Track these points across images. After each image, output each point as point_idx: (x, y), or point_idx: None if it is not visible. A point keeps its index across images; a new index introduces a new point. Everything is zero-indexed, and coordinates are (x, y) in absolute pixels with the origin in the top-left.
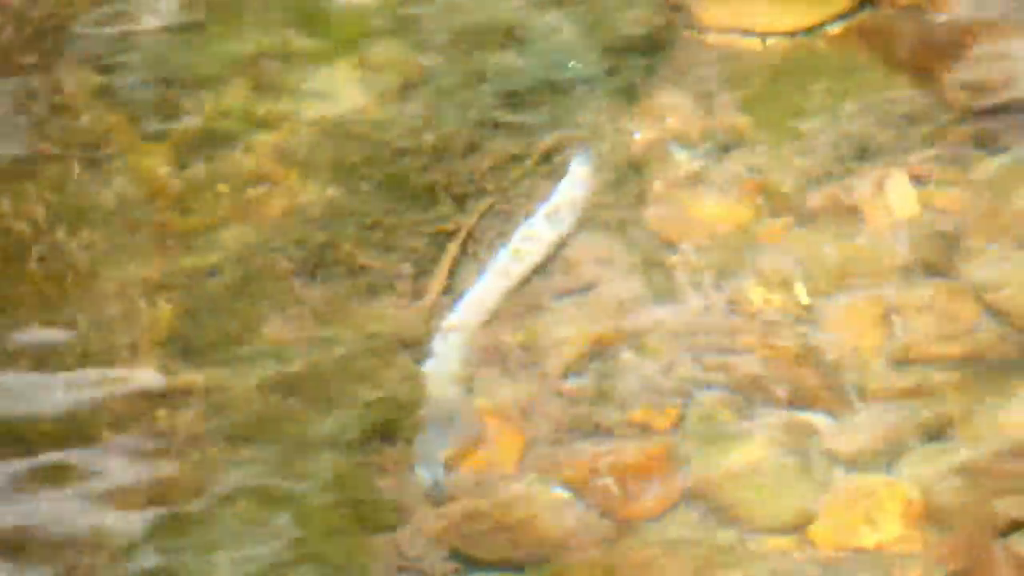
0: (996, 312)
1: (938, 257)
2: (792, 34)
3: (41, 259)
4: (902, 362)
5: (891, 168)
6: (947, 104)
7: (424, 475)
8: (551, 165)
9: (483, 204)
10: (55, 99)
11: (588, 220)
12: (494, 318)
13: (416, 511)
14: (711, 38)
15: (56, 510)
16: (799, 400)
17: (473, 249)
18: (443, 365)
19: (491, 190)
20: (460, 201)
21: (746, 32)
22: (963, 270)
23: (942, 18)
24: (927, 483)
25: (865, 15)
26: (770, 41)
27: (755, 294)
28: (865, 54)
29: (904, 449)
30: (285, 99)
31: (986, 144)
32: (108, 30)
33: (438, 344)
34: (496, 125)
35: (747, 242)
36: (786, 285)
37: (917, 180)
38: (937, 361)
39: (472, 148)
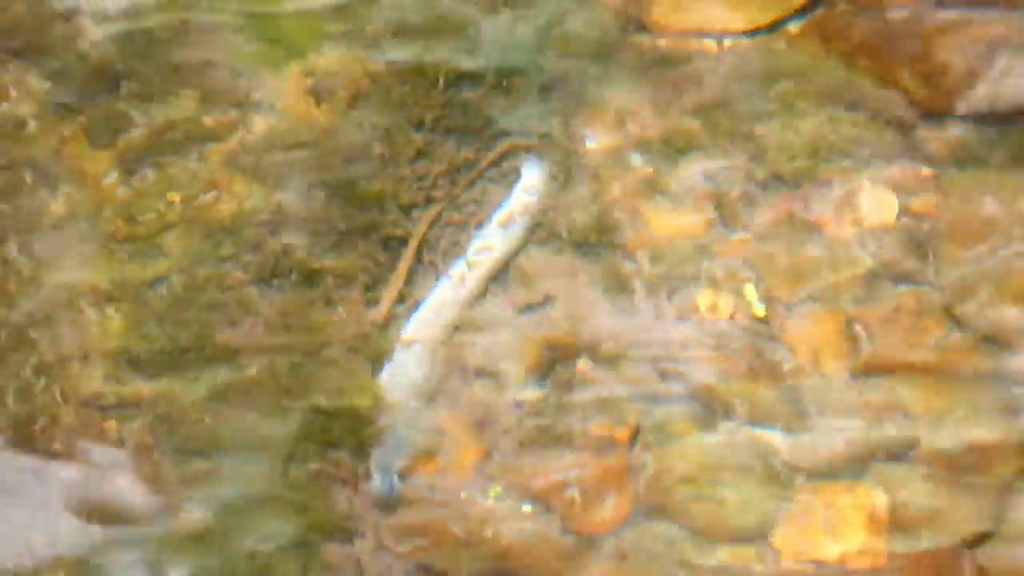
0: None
1: (906, 265)
2: (748, 33)
3: None
4: (865, 373)
5: (858, 172)
6: (913, 106)
7: (379, 484)
8: (503, 171)
9: (431, 211)
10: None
11: (542, 229)
12: (454, 329)
13: (372, 521)
14: (667, 40)
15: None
16: (757, 413)
17: (429, 258)
18: (402, 375)
19: (440, 197)
20: (407, 209)
21: (702, 33)
22: (932, 278)
23: (902, 13)
24: (892, 495)
25: (821, 12)
26: (727, 42)
27: (709, 304)
28: (824, 53)
29: (868, 463)
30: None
31: (957, 148)
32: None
33: (398, 354)
34: (447, 131)
35: (702, 252)
36: (740, 295)
37: (887, 185)
38: (902, 372)
39: (420, 154)
